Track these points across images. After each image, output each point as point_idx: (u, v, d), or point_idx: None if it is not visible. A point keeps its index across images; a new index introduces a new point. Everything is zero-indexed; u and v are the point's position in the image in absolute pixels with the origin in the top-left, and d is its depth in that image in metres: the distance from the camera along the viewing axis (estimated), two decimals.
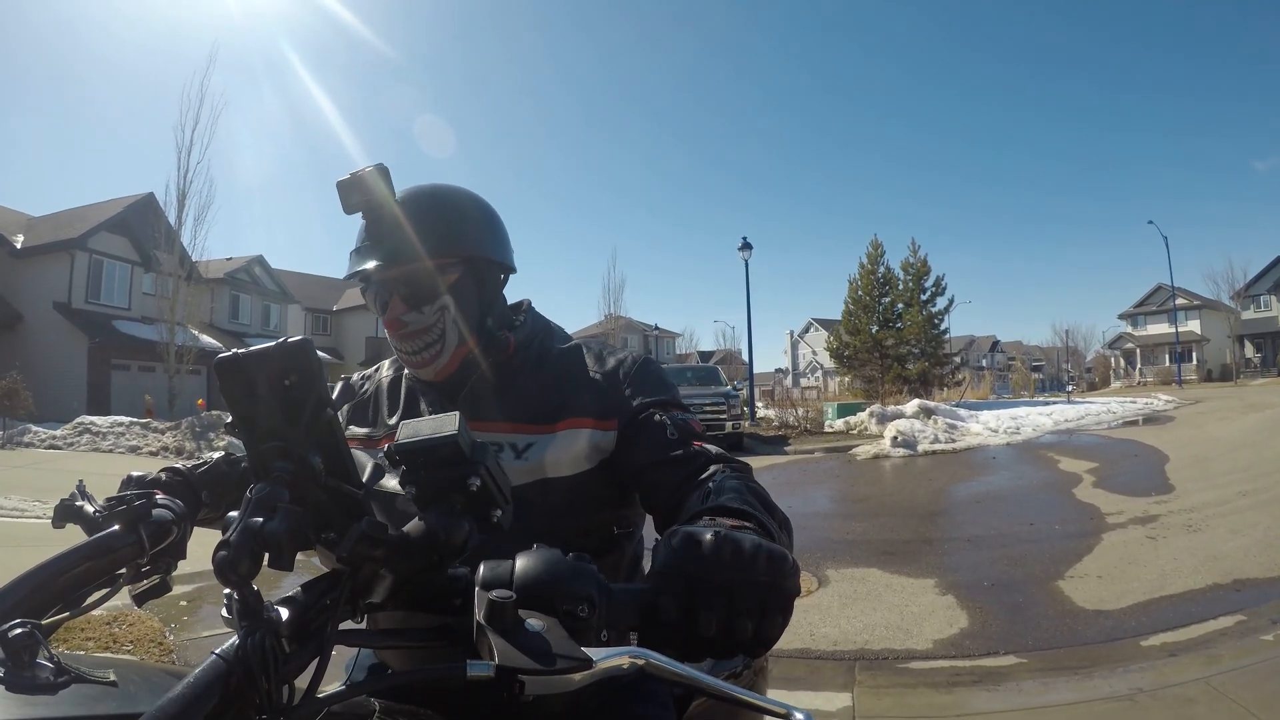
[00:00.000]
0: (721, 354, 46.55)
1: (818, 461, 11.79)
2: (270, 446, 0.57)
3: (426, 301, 1.00)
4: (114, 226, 22.31)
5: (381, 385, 1.15)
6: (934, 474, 9.79)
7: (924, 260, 23.76)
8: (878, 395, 20.00)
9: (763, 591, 0.54)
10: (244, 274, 29.74)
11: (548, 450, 0.98)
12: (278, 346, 0.57)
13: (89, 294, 22.14)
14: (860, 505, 7.70)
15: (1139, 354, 45.56)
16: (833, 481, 9.71)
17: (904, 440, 11.95)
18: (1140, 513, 6.33)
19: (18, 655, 0.54)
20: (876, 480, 9.75)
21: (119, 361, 21.26)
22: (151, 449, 13.45)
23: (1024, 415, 16.44)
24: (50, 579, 0.65)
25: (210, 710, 0.48)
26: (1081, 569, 4.70)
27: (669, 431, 0.95)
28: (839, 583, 4.62)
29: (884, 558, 5.18)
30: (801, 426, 15.64)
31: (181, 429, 14.39)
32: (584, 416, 0.99)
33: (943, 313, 23.58)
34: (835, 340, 25.52)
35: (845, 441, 13.58)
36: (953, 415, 14.94)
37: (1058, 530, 5.87)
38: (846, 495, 8.54)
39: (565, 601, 0.53)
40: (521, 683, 0.48)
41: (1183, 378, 35.44)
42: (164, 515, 0.77)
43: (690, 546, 0.55)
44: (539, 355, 1.08)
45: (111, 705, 0.55)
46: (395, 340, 1.03)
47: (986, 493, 7.96)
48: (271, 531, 0.51)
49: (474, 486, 0.60)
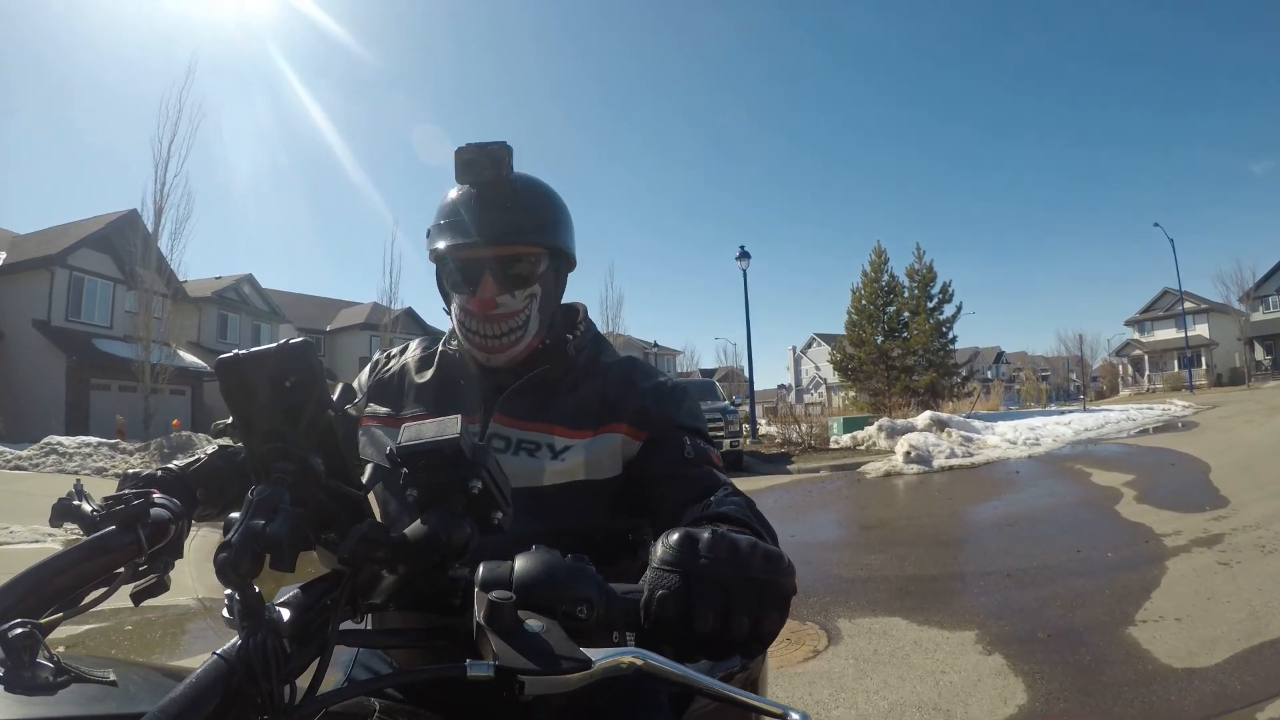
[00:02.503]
0: (723, 371, 45.98)
1: (824, 481, 10.84)
2: (271, 448, 0.57)
3: (520, 286, 0.99)
4: (96, 243, 21.86)
5: (409, 365, 1.12)
6: (954, 492, 8.89)
7: (930, 266, 22.91)
8: (885, 409, 19.14)
9: (759, 589, 0.54)
10: (233, 293, 29.23)
11: (585, 454, 0.97)
12: (278, 348, 0.57)
13: (69, 312, 21.72)
14: (874, 533, 6.76)
15: (1147, 360, 45.48)
16: (841, 504, 8.76)
17: (917, 455, 11.05)
18: (1200, 532, 5.53)
19: (17, 655, 0.54)
20: (890, 501, 8.84)
21: (99, 381, 20.78)
22: (118, 470, 12.99)
23: (1042, 425, 15.67)
24: (48, 579, 0.65)
25: (212, 710, 0.48)
26: (1153, 609, 3.85)
27: (686, 451, 0.96)
28: (854, 638, 3.71)
29: (908, 601, 4.30)
30: (806, 443, 14.59)
31: (150, 450, 14.03)
32: (622, 423, 1.00)
33: (950, 320, 22.64)
34: (839, 353, 24.63)
35: (853, 458, 12.65)
36: (967, 427, 14.05)
37: (1111, 559, 5.00)
38: (858, 520, 7.59)
39: (564, 602, 0.54)
40: (521, 683, 0.49)
41: (1193, 383, 34.87)
42: (162, 514, 0.76)
43: (687, 543, 0.56)
44: (589, 363, 1.07)
45: (111, 705, 0.56)
46: (477, 322, 1.00)
47: (1018, 514, 7.06)
48: (273, 533, 0.51)
49: (476, 489, 0.59)
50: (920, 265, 23.01)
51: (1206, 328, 40.92)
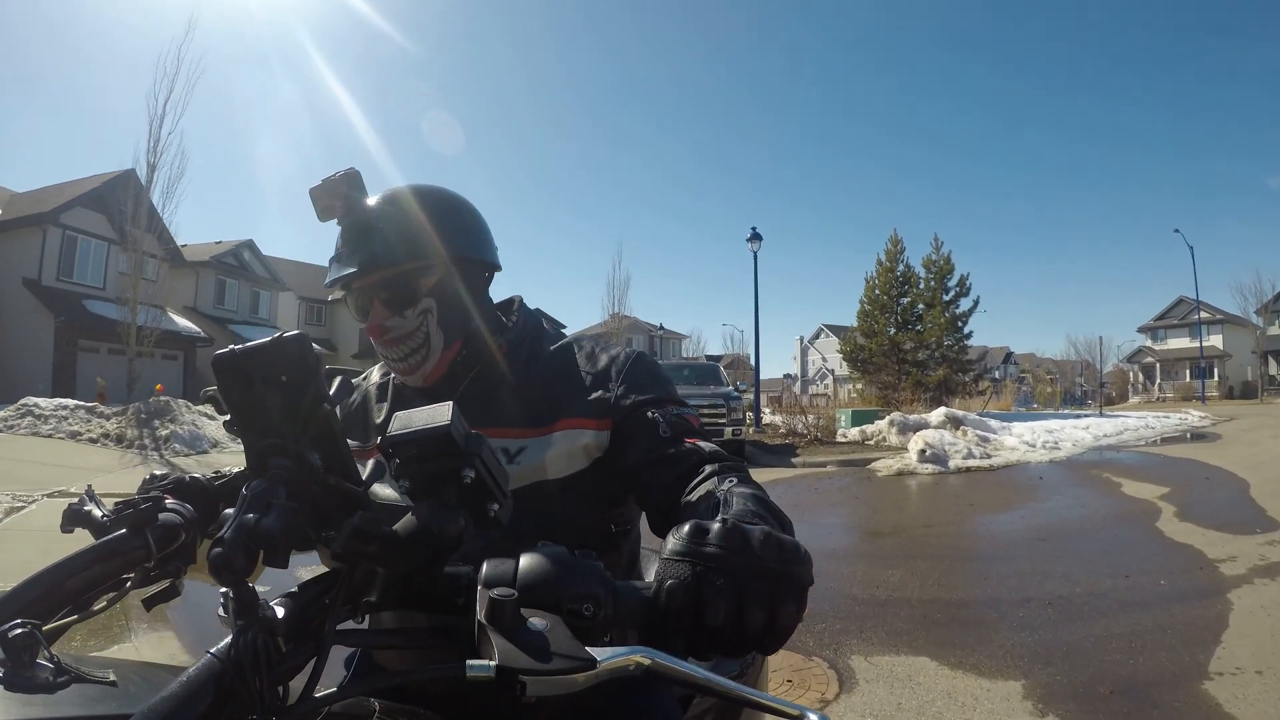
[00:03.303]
0: (729, 358, 45.27)
1: (831, 478, 10.16)
2: (267, 443, 0.56)
3: (407, 305, 0.99)
4: (90, 202, 21.27)
5: (370, 393, 1.13)
6: (974, 497, 8.23)
7: (947, 257, 22.09)
8: (894, 403, 18.45)
9: (773, 580, 0.52)
10: (231, 258, 28.65)
11: (543, 453, 0.96)
12: (273, 342, 0.56)
13: (61, 271, 21.23)
14: (890, 541, 6.09)
15: (1158, 368, 44.87)
16: (851, 505, 8.06)
17: (933, 454, 10.38)
18: (1258, 559, 4.92)
19: (17, 655, 0.54)
20: (905, 504, 8.19)
21: (88, 343, 20.27)
22: (92, 435, 12.57)
23: (1059, 429, 15.08)
24: (58, 582, 0.64)
25: (203, 710, 0.47)
26: (1228, 656, 3.22)
27: (661, 429, 0.93)
28: (872, 684, 3.05)
29: (935, 634, 3.65)
30: (811, 435, 13.90)
31: (127, 415, 13.43)
32: (578, 417, 0.97)
33: (966, 315, 21.85)
34: (849, 344, 23.87)
35: (862, 454, 11.99)
36: (983, 426, 13.37)
37: (1165, 587, 4.35)
38: (870, 526, 6.90)
39: (569, 600, 0.53)
40: (523, 683, 0.47)
41: (1205, 394, 34.34)
42: (172, 519, 0.74)
43: (699, 534, 0.54)
44: (530, 356, 1.05)
45: (111, 705, 0.56)
46: (380, 347, 1.01)
47: (1048, 526, 6.39)
48: (266, 528, 0.51)
49: (468, 478, 0.58)
50: (938, 256, 22.19)
51: (1221, 339, 40.62)
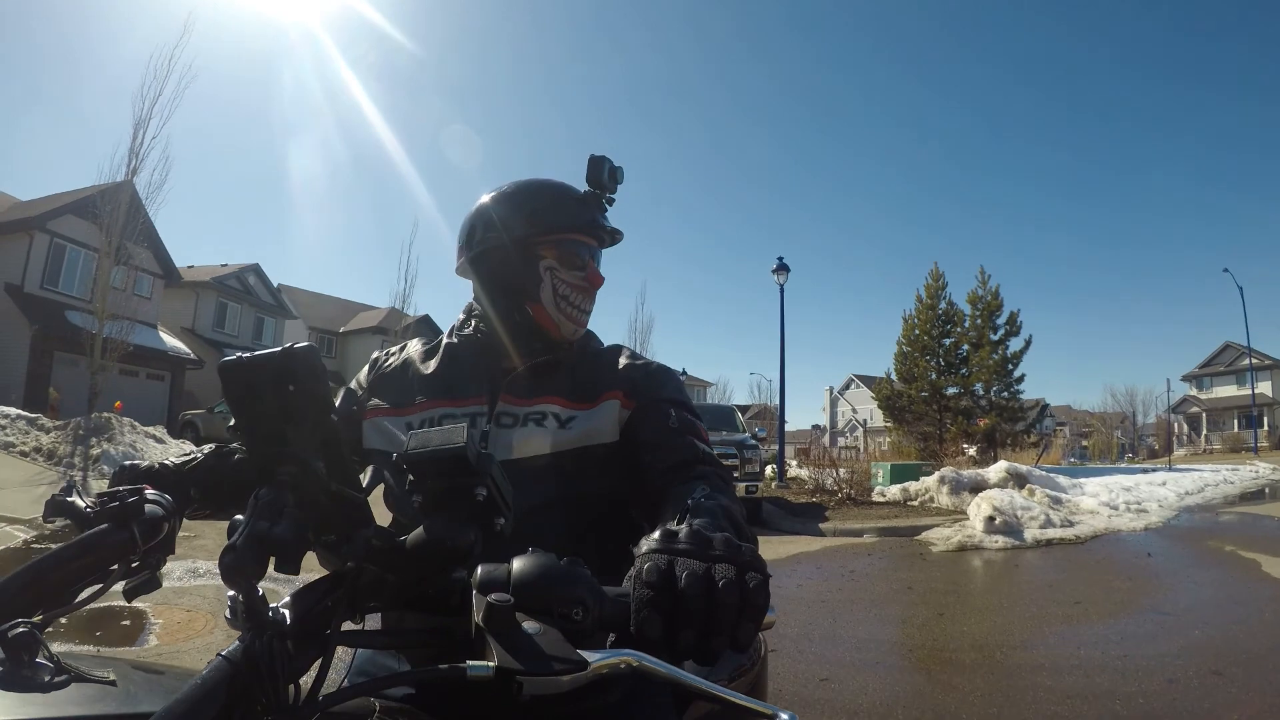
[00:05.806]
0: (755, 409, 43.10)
1: (870, 553, 7.79)
2: (274, 451, 0.57)
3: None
4: (81, 210, 20.24)
5: (412, 358, 1.18)
6: (1073, 588, 6.00)
7: (995, 291, 19.87)
8: (936, 456, 16.16)
9: (734, 612, 0.54)
10: (235, 281, 27.65)
11: (589, 423, 1.05)
12: (282, 351, 0.57)
13: (46, 279, 20.30)
14: (977, 679, 3.82)
15: (1205, 418, 41.77)
16: (901, 602, 5.62)
17: (1003, 522, 8.19)
18: None
19: (17, 654, 0.54)
20: (980, 600, 5.87)
21: (65, 354, 18.99)
22: (25, 448, 11.64)
23: (1134, 486, 12.71)
24: (42, 576, 0.64)
25: (217, 711, 0.48)
26: None
27: (671, 421, 1.03)
28: None
29: None
30: (843, 493, 11.69)
31: (67, 430, 12.38)
32: (616, 390, 1.08)
33: (1018, 356, 19.54)
34: (884, 389, 21.63)
35: (907, 518, 9.73)
36: (1052, 485, 11.07)
37: None
38: (935, 642, 4.49)
39: (560, 605, 0.54)
40: (520, 684, 0.49)
41: (1257, 444, 31.69)
42: (155, 511, 0.74)
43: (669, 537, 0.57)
44: (580, 350, 1.17)
45: (111, 705, 0.56)
46: (581, 297, 1.12)
47: (1208, 643, 4.21)
48: (279, 535, 0.52)
49: (480, 496, 0.60)
50: (984, 290, 20.02)
51: (1270, 385, 38.38)
